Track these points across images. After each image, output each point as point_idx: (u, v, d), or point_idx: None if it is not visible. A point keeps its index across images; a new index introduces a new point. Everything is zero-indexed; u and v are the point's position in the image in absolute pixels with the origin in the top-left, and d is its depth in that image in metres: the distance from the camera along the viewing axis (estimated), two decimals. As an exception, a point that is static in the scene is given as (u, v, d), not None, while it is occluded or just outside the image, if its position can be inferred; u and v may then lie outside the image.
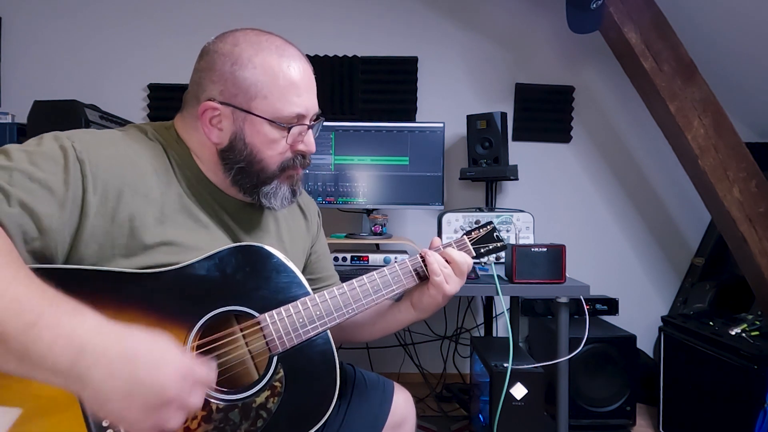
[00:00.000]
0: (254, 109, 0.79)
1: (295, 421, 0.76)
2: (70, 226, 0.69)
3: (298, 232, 1.00)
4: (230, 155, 0.81)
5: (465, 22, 2.42)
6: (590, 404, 1.91)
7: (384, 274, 0.90)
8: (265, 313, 0.78)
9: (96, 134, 0.76)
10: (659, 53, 1.97)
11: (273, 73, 0.79)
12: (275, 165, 0.83)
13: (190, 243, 0.77)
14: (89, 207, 0.69)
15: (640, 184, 2.45)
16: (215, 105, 0.79)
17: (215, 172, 0.83)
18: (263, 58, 0.79)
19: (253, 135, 0.80)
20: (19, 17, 2.33)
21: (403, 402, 1.05)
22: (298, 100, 0.81)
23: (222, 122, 0.80)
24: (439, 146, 2.00)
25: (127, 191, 0.73)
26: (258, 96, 0.79)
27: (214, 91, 0.79)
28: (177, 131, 0.84)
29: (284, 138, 0.82)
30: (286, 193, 0.86)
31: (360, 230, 2.08)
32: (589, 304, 2.13)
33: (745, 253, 1.96)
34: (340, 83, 2.36)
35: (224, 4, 2.36)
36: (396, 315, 0.99)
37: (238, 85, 0.78)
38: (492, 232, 1.04)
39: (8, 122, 1.78)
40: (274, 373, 0.77)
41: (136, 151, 0.77)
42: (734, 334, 1.64)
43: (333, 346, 0.82)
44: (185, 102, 0.84)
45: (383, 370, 2.34)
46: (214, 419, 0.72)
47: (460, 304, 2.37)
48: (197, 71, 0.82)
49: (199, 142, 0.82)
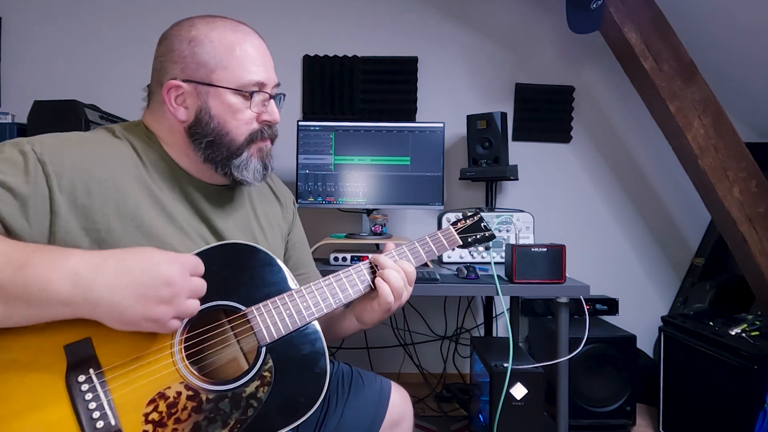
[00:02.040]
0: (215, 81, 0.81)
1: (285, 410, 0.77)
2: (41, 225, 0.71)
3: (274, 217, 1.02)
4: (198, 130, 0.83)
5: (465, 22, 2.42)
6: (590, 404, 1.91)
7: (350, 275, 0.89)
8: (252, 306, 0.80)
9: (60, 137, 0.77)
10: (659, 53, 1.97)
11: (230, 44, 0.82)
12: (243, 136, 0.85)
13: (167, 236, 0.79)
14: (58, 206, 0.71)
15: (640, 184, 2.45)
16: (177, 83, 0.81)
17: (186, 155, 0.85)
18: (219, 33, 0.83)
19: (218, 106, 0.82)
20: (18, 17, 2.33)
21: (400, 401, 1.05)
22: (256, 69, 0.84)
23: (186, 100, 0.82)
24: (439, 146, 2.00)
25: (96, 187, 0.75)
26: (218, 68, 0.81)
27: (176, 70, 0.82)
28: (146, 125, 0.86)
29: (247, 107, 0.84)
30: (258, 166, 0.88)
31: (360, 230, 2.08)
32: (589, 304, 2.13)
33: (745, 253, 1.96)
34: (340, 83, 2.36)
35: (224, 4, 2.36)
36: (341, 323, 0.99)
37: (198, 61, 0.81)
38: (479, 222, 1.07)
39: (8, 122, 1.77)
40: (263, 363, 0.78)
41: (102, 150, 0.79)
42: (734, 334, 1.64)
43: (322, 335, 0.83)
44: (150, 93, 0.87)
45: (383, 370, 2.34)
46: (205, 409, 0.73)
47: (460, 304, 2.37)
48: (157, 58, 0.85)
49: (167, 128, 0.84)
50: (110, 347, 0.70)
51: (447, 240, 1.02)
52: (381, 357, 2.37)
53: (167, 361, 0.73)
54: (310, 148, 1.99)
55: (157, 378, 0.71)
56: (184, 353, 0.74)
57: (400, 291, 0.88)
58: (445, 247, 1.02)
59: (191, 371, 0.74)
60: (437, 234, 1.02)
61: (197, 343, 0.77)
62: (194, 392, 0.73)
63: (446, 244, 1.02)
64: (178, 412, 0.71)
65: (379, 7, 2.39)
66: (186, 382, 0.73)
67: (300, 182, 1.99)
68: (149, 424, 0.69)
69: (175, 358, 0.73)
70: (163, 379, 0.71)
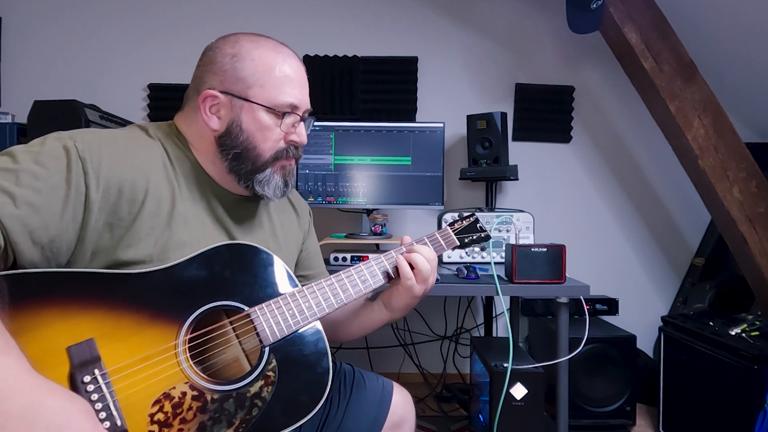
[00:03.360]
0: (251, 97, 0.84)
1: (290, 409, 0.78)
2: (75, 221, 0.73)
3: (290, 227, 1.04)
4: (227, 141, 0.85)
5: (465, 22, 2.42)
6: (590, 404, 1.91)
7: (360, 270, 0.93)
8: (255, 306, 0.81)
9: (97, 133, 0.79)
10: (659, 53, 1.97)
11: (270, 65, 0.85)
12: (269, 153, 0.87)
13: (184, 238, 0.81)
14: (92, 203, 0.73)
15: (640, 184, 2.45)
16: (214, 93, 0.84)
17: (213, 162, 0.87)
18: (261, 52, 0.85)
19: (250, 121, 0.85)
20: (18, 17, 2.33)
21: (402, 402, 1.05)
22: (292, 91, 0.87)
23: (220, 110, 0.85)
24: (439, 146, 2.00)
25: (128, 187, 0.77)
26: (255, 85, 0.84)
27: (215, 81, 0.85)
28: (177, 127, 0.89)
29: (278, 126, 0.86)
30: (279, 183, 0.90)
31: (360, 230, 2.08)
32: (589, 304, 2.13)
33: (745, 253, 1.96)
34: (340, 83, 2.36)
35: (224, 4, 2.36)
36: (370, 315, 1.03)
37: (237, 75, 0.84)
38: (475, 223, 1.10)
39: (8, 122, 1.77)
40: (267, 363, 0.79)
41: (136, 149, 0.81)
42: (734, 334, 1.64)
43: (324, 335, 0.85)
44: (186, 98, 0.89)
45: (383, 370, 2.34)
46: (210, 409, 0.73)
47: (460, 304, 2.37)
48: (199, 67, 0.88)
49: (198, 133, 0.87)
50: (114, 347, 0.70)
51: (445, 241, 1.05)
52: (381, 357, 2.37)
53: (172, 361, 0.73)
54: (310, 148, 1.99)
55: (162, 378, 0.71)
56: (188, 353, 0.75)
57: (426, 274, 0.93)
58: (443, 247, 1.05)
59: (196, 371, 0.74)
60: (435, 235, 1.05)
61: (201, 344, 0.77)
62: (199, 392, 0.73)
63: (444, 244, 1.05)
64: (184, 413, 0.71)
65: (379, 7, 2.39)
66: (191, 383, 0.73)
67: (300, 182, 1.99)
68: (155, 424, 0.69)
69: (180, 359, 0.73)
70: (168, 380, 0.72)
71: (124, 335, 0.70)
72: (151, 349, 0.72)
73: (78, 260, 0.75)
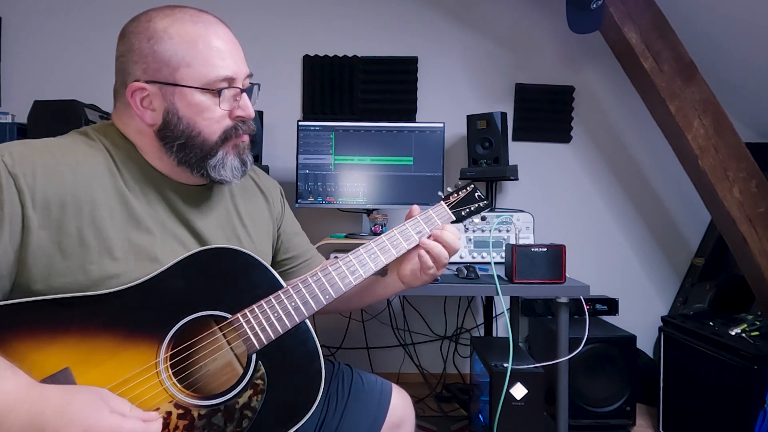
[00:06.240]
0: (180, 80, 0.76)
1: (282, 416, 0.75)
2: (13, 243, 0.67)
3: (260, 216, 0.97)
4: (167, 133, 0.78)
5: (465, 22, 2.41)
6: (590, 404, 1.91)
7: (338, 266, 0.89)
8: (238, 312, 0.77)
9: (29, 145, 0.73)
10: (659, 53, 1.97)
11: (192, 40, 0.77)
12: (215, 135, 0.80)
13: (145, 242, 0.76)
14: (30, 222, 0.68)
15: (640, 184, 2.45)
16: (141, 85, 0.76)
17: (160, 158, 0.80)
18: (178, 27, 0.77)
19: (186, 107, 0.77)
20: (18, 17, 2.33)
21: (401, 403, 1.05)
22: (223, 62, 0.78)
23: (152, 102, 0.77)
24: (439, 146, 2.00)
25: (70, 200, 0.71)
26: (181, 66, 0.76)
27: (138, 71, 0.77)
28: (117, 126, 0.81)
29: (217, 105, 0.79)
30: (235, 163, 0.83)
31: (360, 230, 2.08)
32: (589, 304, 2.13)
33: (745, 253, 1.96)
34: (340, 83, 2.36)
35: (223, 4, 2.36)
36: (384, 288, 1.04)
37: (159, 60, 0.76)
38: (473, 192, 1.03)
39: (8, 122, 1.77)
40: (255, 371, 0.75)
41: (76, 156, 0.74)
42: (734, 334, 1.64)
43: (314, 335, 0.81)
44: (115, 93, 0.81)
45: (383, 370, 2.34)
46: (197, 426, 0.70)
47: (460, 304, 2.37)
48: (118, 58, 0.79)
49: (136, 130, 0.80)
50: (92, 374, 0.67)
51: (439, 217, 0.98)
52: (381, 357, 2.37)
53: (154, 381, 0.70)
54: (310, 148, 1.99)
55: (145, 400, 0.69)
56: (171, 371, 0.72)
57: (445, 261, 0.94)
58: (437, 225, 0.97)
59: (180, 388, 0.72)
60: (428, 212, 0.98)
61: (185, 358, 0.74)
62: (185, 410, 0.70)
63: (438, 221, 0.98)
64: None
65: (379, 7, 2.39)
66: (175, 401, 0.70)
67: (300, 182, 1.99)
68: None
69: (162, 377, 0.71)
70: (151, 401, 0.69)
71: (100, 360, 0.67)
72: (130, 370, 0.69)
73: (31, 286, 0.69)
